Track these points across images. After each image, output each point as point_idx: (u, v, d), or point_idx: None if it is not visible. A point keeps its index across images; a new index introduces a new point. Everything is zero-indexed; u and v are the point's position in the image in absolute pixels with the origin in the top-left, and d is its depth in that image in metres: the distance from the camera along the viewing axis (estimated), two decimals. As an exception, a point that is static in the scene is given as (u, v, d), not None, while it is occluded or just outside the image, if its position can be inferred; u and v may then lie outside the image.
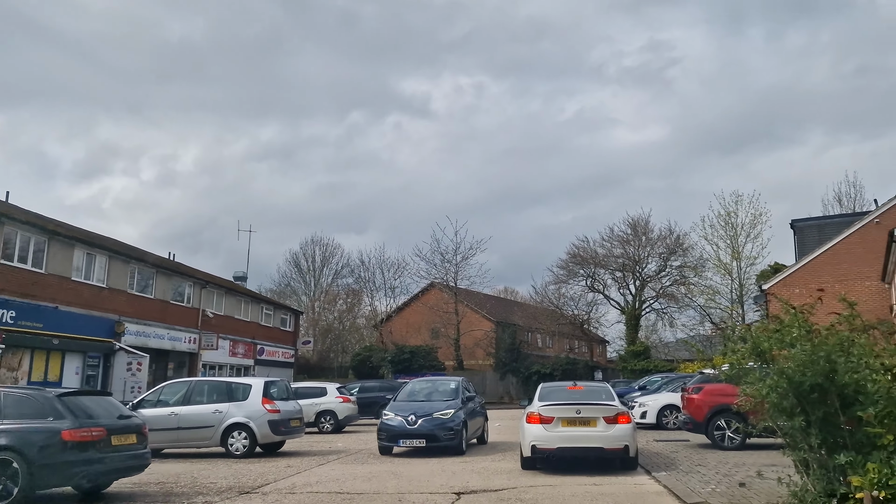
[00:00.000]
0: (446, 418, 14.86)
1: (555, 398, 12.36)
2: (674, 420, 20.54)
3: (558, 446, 11.36)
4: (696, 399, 14.87)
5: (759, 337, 7.45)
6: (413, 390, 16.95)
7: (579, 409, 11.57)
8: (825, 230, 31.93)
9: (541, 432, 11.51)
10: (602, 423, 11.38)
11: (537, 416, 11.68)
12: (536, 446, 11.51)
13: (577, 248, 46.47)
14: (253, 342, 41.87)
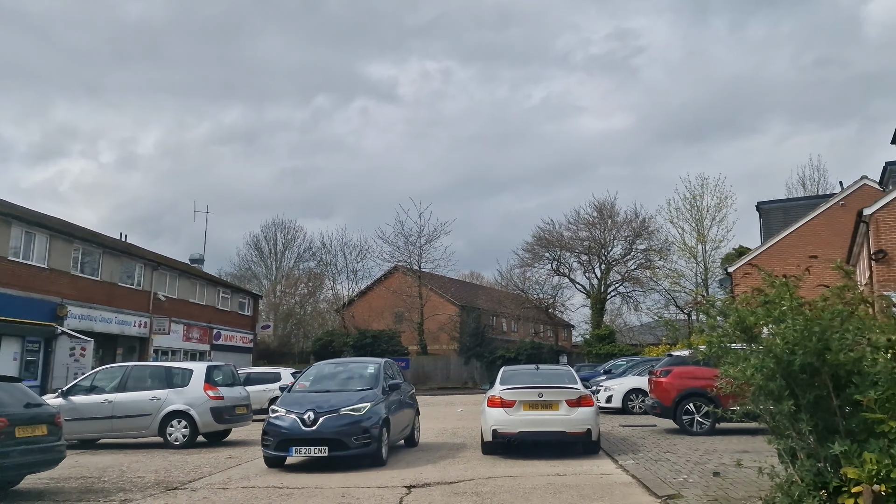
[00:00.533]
0: (358, 416, 10.67)
1: (517, 381, 11.86)
2: (640, 404, 19.95)
3: (520, 430, 11.07)
4: (664, 382, 14.19)
5: (743, 311, 6.62)
6: (318, 376, 12.51)
7: (542, 392, 11.27)
8: (790, 212, 31.72)
9: (502, 416, 11.19)
10: (565, 406, 11.15)
11: (499, 400, 11.32)
12: (498, 430, 11.17)
13: (542, 231, 45.91)
14: (209, 326, 40.44)
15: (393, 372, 13.20)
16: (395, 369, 13.69)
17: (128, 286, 32.50)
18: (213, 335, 40.90)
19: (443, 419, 20.92)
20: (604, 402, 20.39)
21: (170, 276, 36.50)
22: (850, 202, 29.15)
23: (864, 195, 28.93)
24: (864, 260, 23.76)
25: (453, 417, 21.42)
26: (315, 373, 12.75)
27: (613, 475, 9.62)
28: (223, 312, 42.66)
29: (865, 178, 28.92)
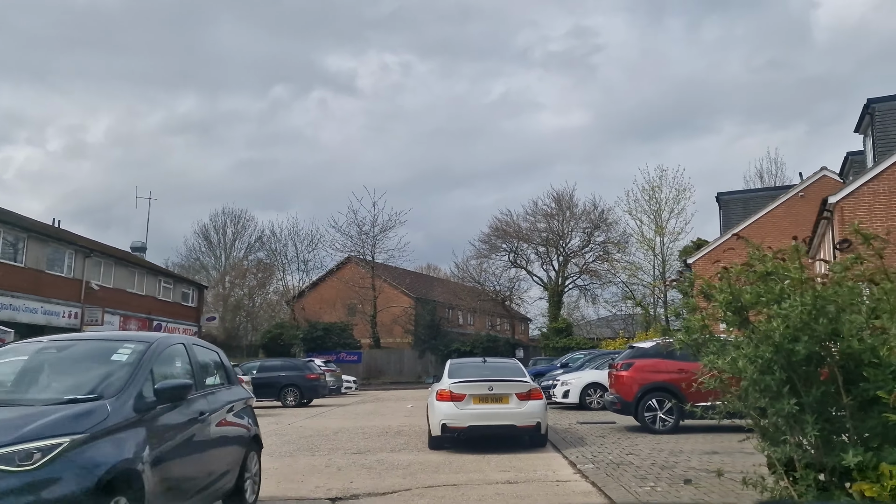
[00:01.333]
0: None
1: (465, 375, 11.64)
2: (598, 399, 18.93)
3: (470, 424, 10.86)
4: (625, 376, 13.11)
5: (737, 288, 5.44)
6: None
7: (492, 385, 11.13)
8: (750, 204, 31.18)
9: (452, 410, 10.94)
10: (515, 399, 11.07)
11: (448, 394, 11.08)
12: (447, 425, 10.91)
13: (499, 222, 44.84)
14: (148, 318, 38.31)
15: (188, 363, 6.28)
16: (198, 357, 6.60)
17: (56, 274, 30.33)
18: (152, 327, 38.75)
19: (390, 416, 19.62)
20: (560, 398, 19.36)
21: (105, 264, 34.34)
22: (810, 193, 28.71)
23: (823, 186, 28.49)
24: (826, 249, 23.24)
25: (401, 414, 20.13)
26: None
27: (571, 483, 8.43)
28: (165, 303, 40.53)
29: (825, 169, 28.51)
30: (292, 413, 21.58)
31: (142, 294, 37.94)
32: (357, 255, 47.07)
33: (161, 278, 40.62)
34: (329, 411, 22.11)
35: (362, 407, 24.11)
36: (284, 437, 14.33)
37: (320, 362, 33.27)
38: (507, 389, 11.09)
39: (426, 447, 11.80)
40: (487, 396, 10.98)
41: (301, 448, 12.29)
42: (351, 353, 45.68)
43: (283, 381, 24.84)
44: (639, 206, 40.60)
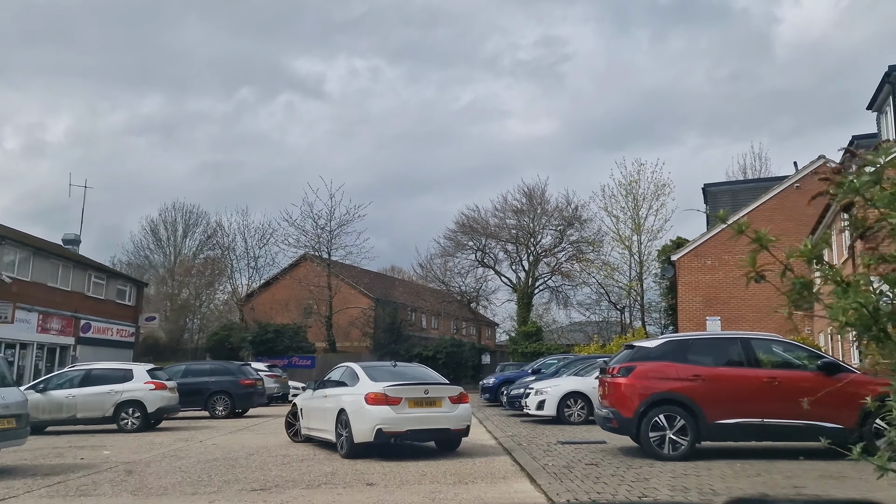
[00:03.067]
0: None
1: (391, 378, 11.23)
2: (579, 412, 15.93)
3: (408, 429, 10.63)
4: (624, 385, 10.07)
5: None
6: None
7: (427, 388, 11.05)
8: (739, 196, 28.64)
9: (389, 414, 10.50)
10: (447, 402, 11.02)
11: (383, 397, 10.55)
12: (384, 430, 10.44)
13: (466, 218, 41.77)
14: (74, 316, 34.40)
15: None
16: None
17: (-43, 263, 26.43)
18: (80, 326, 34.87)
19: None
20: (534, 410, 16.31)
21: (20, 255, 30.43)
22: (806, 184, 26.22)
23: (821, 177, 26.07)
24: (837, 241, 20.67)
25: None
26: None
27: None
28: (95, 301, 36.59)
29: (823, 157, 25.98)
30: (216, 426, 18.15)
31: (67, 290, 34.02)
32: (312, 252, 43.55)
33: (91, 273, 36.65)
34: (261, 424, 18.73)
35: (303, 418, 20.72)
36: (179, 460, 11.00)
37: (263, 367, 29.87)
38: (440, 393, 11.04)
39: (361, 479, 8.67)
40: (422, 400, 10.80)
41: (186, 479, 8.98)
42: (304, 358, 42.12)
43: (211, 388, 21.39)
44: (615, 203, 37.95)
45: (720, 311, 26.21)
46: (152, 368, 19.40)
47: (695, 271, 26.90)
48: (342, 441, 10.87)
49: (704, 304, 26.49)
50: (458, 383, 38.90)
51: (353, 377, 11.55)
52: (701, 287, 26.65)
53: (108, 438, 15.33)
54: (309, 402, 12.85)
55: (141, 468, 10.25)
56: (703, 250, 26.84)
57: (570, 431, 14.25)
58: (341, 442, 10.91)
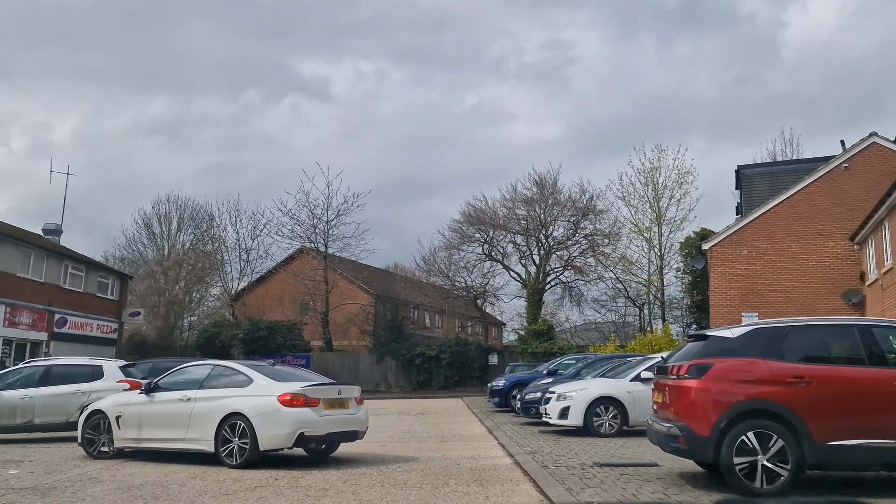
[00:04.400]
0: None
1: (289, 378, 10.43)
2: (610, 421, 13.12)
3: (328, 432, 9.97)
4: (696, 389, 7.25)
5: None
6: None
7: (340, 389, 10.54)
8: (778, 179, 25.70)
9: (311, 416, 9.73)
10: (353, 404, 10.60)
11: (302, 399, 9.74)
12: (305, 434, 9.62)
13: (472, 208, 38.92)
14: (48, 310, 31.75)
15: None
16: None
17: None
18: (54, 321, 32.21)
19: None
20: (556, 418, 13.51)
21: (-16, 241, 27.79)
22: (856, 164, 23.37)
23: (873, 156, 23.17)
24: None
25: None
26: None
27: None
28: (73, 293, 33.93)
29: (875, 135, 23.18)
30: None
31: (40, 280, 31.36)
32: (308, 245, 40.78)
33: (69, 263, 33.97)
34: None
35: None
36: (94, 486, 8.26)
37: (248, 365, 27.13)
38: (349, 394, 10.64)
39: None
40: (335, 401, 10.29)
41: None
42: (299, 357, 39.32)
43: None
44: (634, 192, 35.10)
45: (758, 305, 23.32)
46: (125, 365, 16.68)
47: (729, 262, 24.01)
48: (231, 450, 9.68)
49: (740, 299, 23.61)
50: (463, 385, 36.05)
51: (236, 377, 10.35)
52: (736, 279, 23.76)
53: (37, 450, 12.58)
54: (143, 408, 10.70)
55: (29, 500, 7.49)
56: (738, 238, 23.96)
57: (603, 447, 11.43)
58: (230, 450, 9.69)
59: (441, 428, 16.24)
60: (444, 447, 12.29)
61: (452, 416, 20.19)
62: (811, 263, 23.30)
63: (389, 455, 11.07)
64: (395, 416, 20.63)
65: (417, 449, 12.03)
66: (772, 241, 23.63)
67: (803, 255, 23.42)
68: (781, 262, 23.51)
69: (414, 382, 37.55)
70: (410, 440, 13.61)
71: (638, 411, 12.99)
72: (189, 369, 11.17)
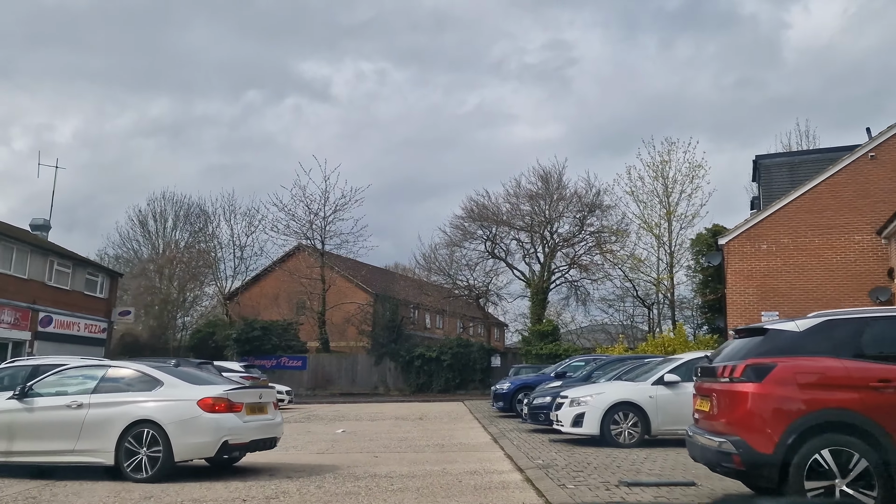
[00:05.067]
0: None
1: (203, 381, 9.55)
2: (630, 429, 11.72)
3: (252, 439, 9.17)
4: (755, 395, 5.87)
5: None
6: None
7: (261, 393, 9.83)
8: (798, 170, 24.29)
9: (235, 423, 8.89)
10: (271, 409, 9.81)
11: (226, 403, 8.88)
12: (230, 442, 8.85)
13: (474, 204, 37.51)
14: (31, 308, 30.38)
15: None
16: None
17: None
18: (38, 320, 30.85)
19: (302, 447, 12.24)
20: (568, 425, 12.12)
21: (-39, 235, 26.45)
22: (884, 154, 21.98)
23: (902, 144, 21.83)
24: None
25: (313, 448, 12.73)
26: None
27: None
28: (58, 291, 32.56)
29: (904, 121, 21.76)
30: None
31: (23, 277, 30.00)
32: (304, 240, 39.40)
33: (54, 260, 32.60)
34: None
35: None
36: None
37: (238, 366, 25.82)
38: (268, 398, 9.89)
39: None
40: (255, 406, 9.43)
41: None
42: (294, 358, 38.03)
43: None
44: (642, 186, 33.70)
45: (778, 304, 21.91)
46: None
47: (748, 257, 22.59)
48: (138, 462, 8.58)
49: (759, 297, 22.19)
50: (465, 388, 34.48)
51: (140, 380, 9.23)
52: (755, 276, 22.35)
53: None
54: (14, 416, 9.16)
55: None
56: (757, 232, 22.55)
57: (625, 459, 10.04)
58: (137, 463, 8.59)
59: (441, 435, 14.86)
60: (443, 458, 10.91)
61: (453, 422, 18.81)
62: (835, 259, 21.90)
63: (381, 469, 9.69)
64: (392, 421, 19.25)
65: (414, 461, 10.65)
66: (793, 235, 22.23)
67: (827, 251, 22.01)
68: (803, 257, 22.11)
69: (413, 385, 36.17)
70: (407, 449, 12.23)
71: (661, 418, 11.63)
72: (76, 371, 9.74)
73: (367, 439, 14.06)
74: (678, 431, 11.70)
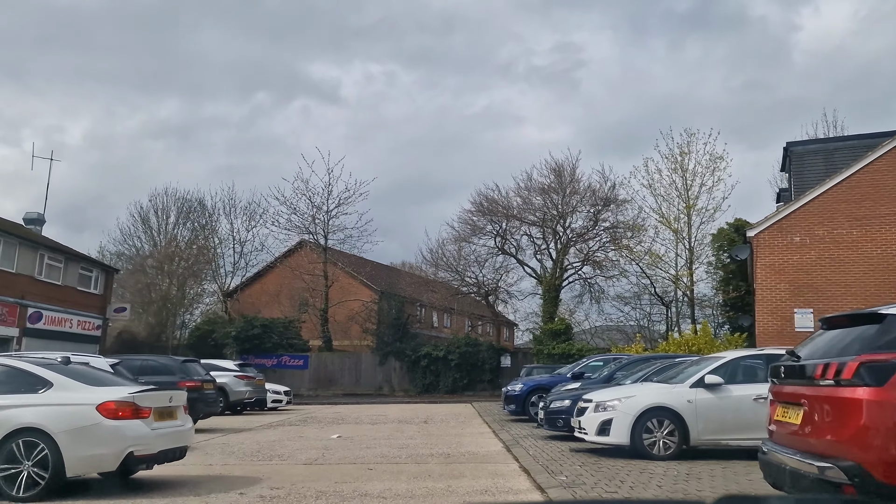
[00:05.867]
0: None
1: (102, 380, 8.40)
2: (665, 438, 10.13)
3: (160, 449, 8.00)
4: (877, 403, 4.29)
5: None
6: None
7: (171, 396, 8.64)
8: (834, 157, 22.59)
9: (143, 430, 7.74)
10: (181, 413, 8.73)
11: (131, 407, 7.71)
12: (136, 453, 7.65)
13: (484, 198, 35.91)
14: (20, 303, 29.03)
15: None
16: None
17: None
18: (27, 315, 29.51)
19: (289, 455, 10.69)
20: (594, 434, 10.54)
21: (-57, 225, 25.10)
22: (929, 138, 20.35)
23: (949, 128, 20.15)
24: None
25: (301, 457, 11.19)
26: None
27: None
28: (49, 286, 31.21)
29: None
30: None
31: (10, 271, 28.66)
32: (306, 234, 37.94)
33: (45, 253, 31.25)
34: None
35: (260, 436, 15.10)
36: None
37: (233, 365, 24.38)
38: (178, 401, 8.67)
39: None
40: (165, 411, 8.25)
41: None
42: (296, 357, 36.57)
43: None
44: (660, 179, 32.01)
45: (812, 300, 20.28)
46: (115, 363, 14.01)
47: (779, 251, 20.93)
48: (18, 479, 7.22)
49: (791, 293, 20.54)
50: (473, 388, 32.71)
51: (21, 379, 7.84)
52: (787, 270, 20.70)
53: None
54: None
55: None
56: (789, 224, 20.89)
57: (663, 475, 8.48)
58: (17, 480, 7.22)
59: (447, 442, 13.31)
60: (449, 472, 9.37)
61: (461, 426, 17.26)
62: (875, 252, 20.24)
63: (374, 487, 8.15)
64: (394, 424, 17.72)
65: (415, 475, 9.11)
66: (829, 226, 20.56)
67: (866, 243, 20.35)
68: (840, 250, 20.45)
69: (419, 385, 34.64)
70: (407, 460, 10.69)
71: (702, 426, 10.04)
72: None
73: (363, 447, 12.54)
74: (721, 442, 10.17)
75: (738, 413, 10.01)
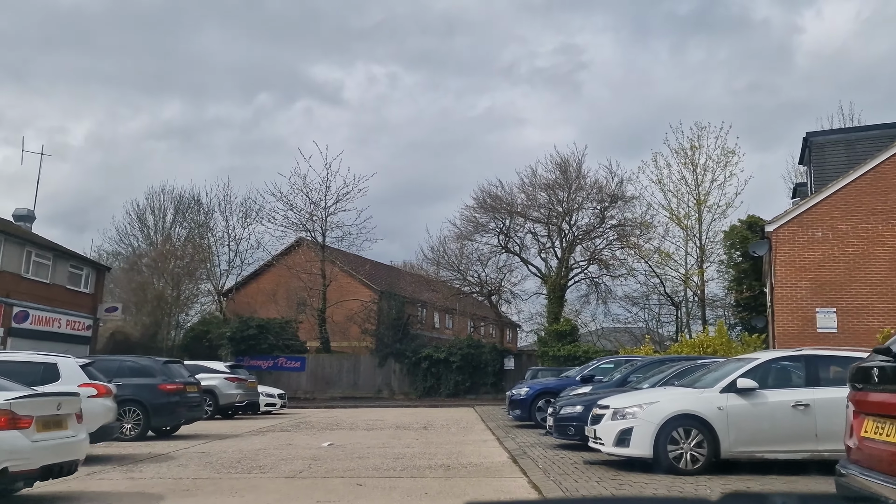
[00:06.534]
0: None
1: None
2: (693, 450, 8.98)
3: (43, 464, 7.18)
4: None
5: None
6: None
7: (60, 402, 7.70)
8: (856, 147, 21.43)
9: (21, 443, 6.89)
10: (73, 422, 7.80)
11: (8, 416, 6.90)
12: (11, 470, 6.77)
13: (487, 194, 34.79)
14: (4, 302, 27.98)
15: None
16: None
17: None
18: (12, 315, 28.44)
19: (272, 467, 9.54)
20: (611, 444, 9.38)
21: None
22: (959, 127, 19.24)
23: (980, 116, 18.96)
24: None
25: (284, 469, 10.05)
26: None
27: None
28: (36, 284, 30.16)
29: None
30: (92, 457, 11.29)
31: (-5, 268, 27.63)
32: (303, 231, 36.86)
33: (32, 250, 30.20)
34: (174, 453, 11.96)
35: (245, 444, 13.97)
36: None
37: (223, 366, 23.28)
38: (70, 408, 7.78)
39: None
40: (52, 419, 7.45)
41: None
42: (293, 359, 35.49)
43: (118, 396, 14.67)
44: (670, 174, 30.90)
45: (836, 299, 19.16)
46: (87, 363, 12.82)
47: (799, 247, 19.79)
48: None
49: (813, 291, 19.39)
50: (475, 392, 31.33)
51: None
52: (808, 268, 19.55)
53: None
54: None
55: None
56: (810, 218, 19.75)
57: (694, 493, 7.34)
58: None
59: (447, 451, 12.18)
60: (448, 489, 8.25)
61: (463, 433, 16.13)
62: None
63: (361, 508, 7.02)
64: (391, 431, 16.59)
65: (409, 491, 7.99)
66: (853, 221, 19.42)
67: (892, 238, 19.19)
68: (865, 246, 19.30)
69: (420, 388, 33.53)
70: (402, 473, 9.56)
71: (734, 436, 8.90)
72: None
73: (355, 456, 11.43)
74: (755, 454, 9.04)
75: (775, 421, 8.91)
